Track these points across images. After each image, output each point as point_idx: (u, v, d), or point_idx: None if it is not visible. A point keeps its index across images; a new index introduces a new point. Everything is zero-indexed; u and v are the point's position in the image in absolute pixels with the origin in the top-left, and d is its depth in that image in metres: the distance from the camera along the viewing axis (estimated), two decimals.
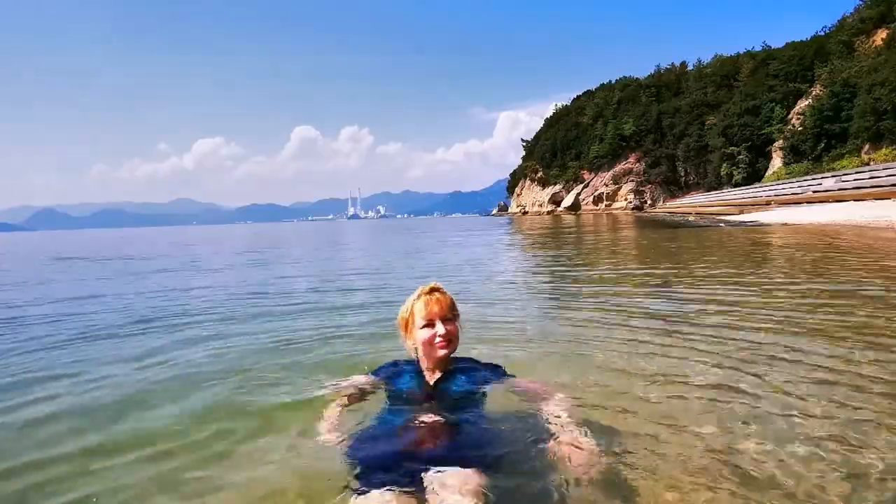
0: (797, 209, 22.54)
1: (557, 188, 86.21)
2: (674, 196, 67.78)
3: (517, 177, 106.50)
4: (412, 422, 1.77)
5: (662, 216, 38.85)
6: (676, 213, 41.83)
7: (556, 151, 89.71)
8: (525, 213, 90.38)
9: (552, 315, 4.46)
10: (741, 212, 28.61)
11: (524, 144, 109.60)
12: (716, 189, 55.41)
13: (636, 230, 20.57)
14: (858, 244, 9.34)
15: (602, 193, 76.91)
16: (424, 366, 2.01)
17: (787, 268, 6.87)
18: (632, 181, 73.76)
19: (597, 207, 75.67)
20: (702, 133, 64.21)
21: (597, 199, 77.30)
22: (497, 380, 2.06)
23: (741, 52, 70.99)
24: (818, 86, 46.40)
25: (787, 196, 30.06)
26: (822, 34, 56.33)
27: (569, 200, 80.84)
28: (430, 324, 1.93)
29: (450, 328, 1.94)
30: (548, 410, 1.88)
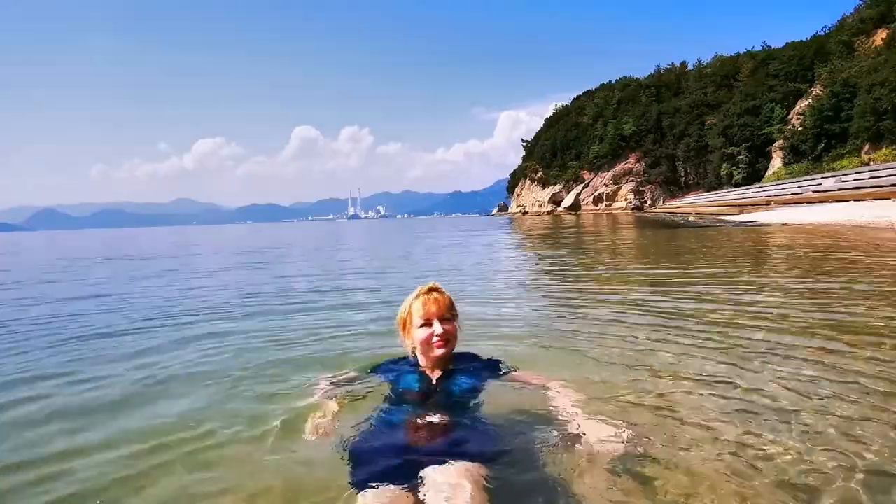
0: (797, 209, 22.54)
1: (557, 188, 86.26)
2: (674, 196, 67.83)
3: (517, 177, 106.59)
4: (412, 419, 1.76)
5: (662, 216, 38.87)
6: (676, 213, 41.85)
7: (556, 151, 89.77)
8: (525, 213, 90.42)
9: (553, 313, 4.44)
10: (741, 212, 28.62)
11: (524, 144, 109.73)
12: (716, 189, 55.45)
13: (636, 230, 20.58)
14: (859, 244, 9.33)
15: (602, 193, 76.95)
16: (424, 364, 2.00)
17: (787, 267, 6.85)
18: (632, 181, 73.81)
19: (597, 207, 75.71)
20: (702, 133, 64.26)
21: (597, 199, 77.35)
22: (498, 375, 2.06)
23: (741, 52, 71.18)
24: (818, 86, 46.46)
25: (787, 196, 30.07)
26: (822, 34, 56.41)
27: (569, 200, 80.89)
28: (428, 323, 1.93)
29: (447, 328, 1.94)
30: (553, 399, 1.92)
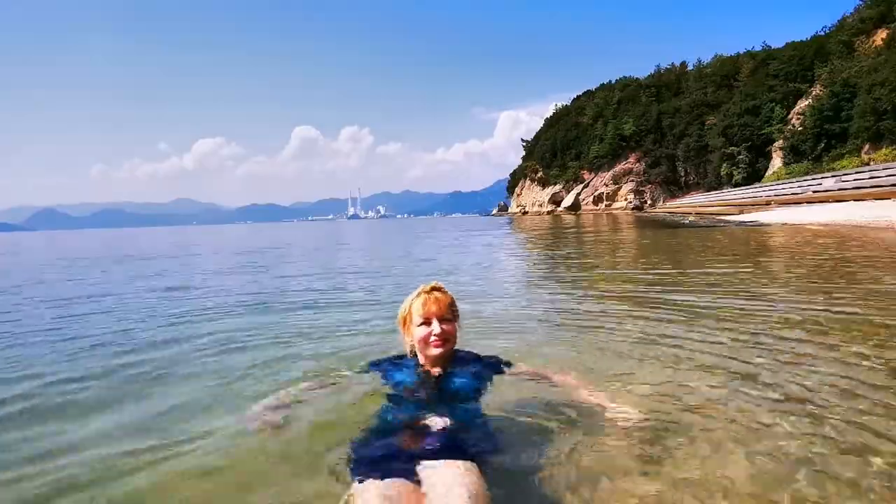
0: (797, 209, 22.53)
1: (557, 188, 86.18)
2: (674, 196, 67.75)
3: (517, 177, 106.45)
4: (412, 417, 1.77)
5: (662, 216, 38.84)
6: (676, 213, 41.81)
7: (556, 151, 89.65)
8: (525, 213, 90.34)
9: (553, 312, 4.45)
10: (741, 212, 28.61)
11: (524, 144, 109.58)
12: (716, 189, 55.36)
13: (636, 230, 20.58)
14: (860, 243, 9.34)
15: (602, 193, 76.87)
16: (423, 362, 2.02)
17: (787, 266, 6.87)
18: (632, 181, 73.72)
19: (597, 207, 75.63)
20: (702, 133, 64.17)
21: (597, 199, 77.26)
22: (498, 372, 2.07)
23: (741, 52, 71.03)
24: (818, 86, 46.38)
25: (787, 196, 30.05)
26: (822, 34, 56.30)
27: (569, 200, 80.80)
28: (427, 322, 1.95)
29: (446, 328, 1.95)
30: (556, 385, 2.06)
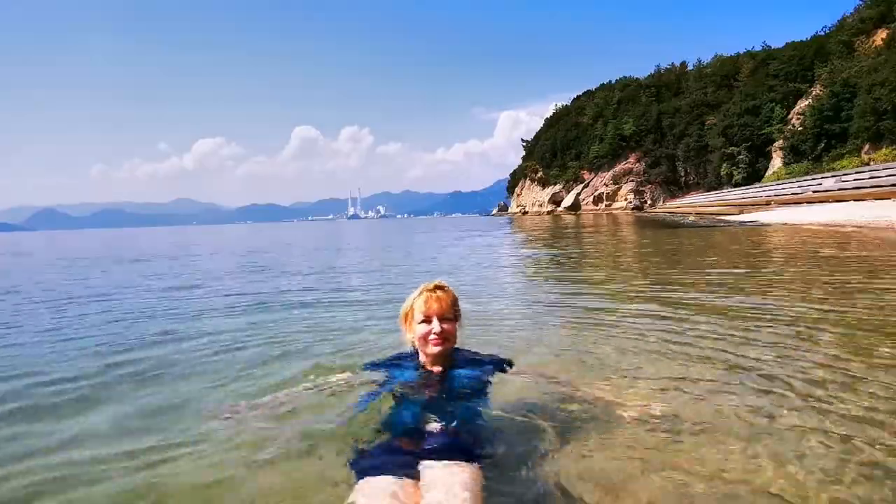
0: (797, 209, 22.54)
1: (557, 188, 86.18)
2: (674, 196, 67.76)
3: (517, 177, 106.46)
4: (413, 415, 1.77)
5: (662, 216, 38.86)
6: (676, 213, 41.83)
7: (556, 151, 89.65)
8: (525, 214, 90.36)
9: (553, 312, 4.46)
10: (741, 212, 28.63)
11: (524, 144, 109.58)
12: (716, 189, 55.38)
13: (637, 230, 20.59)
14: (860, 243, 9.34)
15: (602, 193, 76.88)
16: (423, 360, 2.03)
17: (786, 265, 6.87)
18: (632, 181, 73.72)
19: (597, 207, 75.64)
20: (702, 133, 64.18)
21: (597, 199, 77.27)
22: (499, 370, 2.09)
23: (741, 52, 71.00)
24: (818, 86, 46.39)
25: (787, 196, 30.06)
26: (822, 34, 56.30)
27: (569, 200, 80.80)
28: (428, 320, 1.96)
29: (446, 327, 1.96)
30: (560, 381, 2.11)
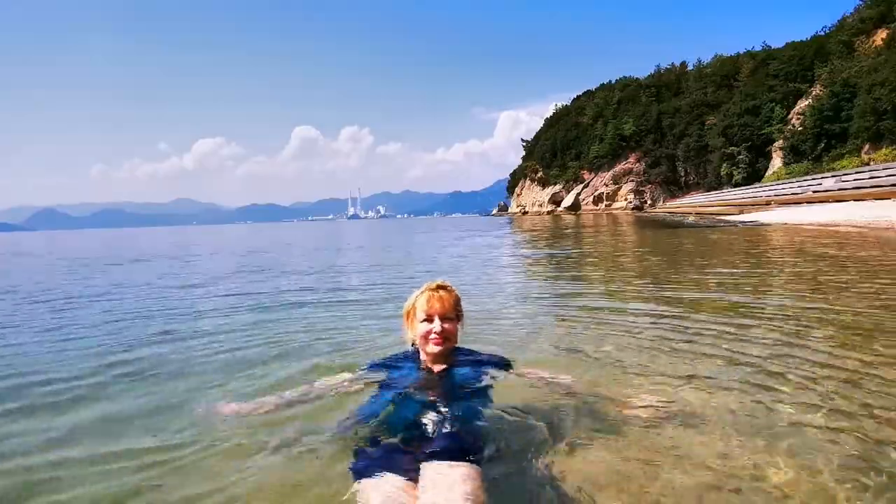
0: (797, 209, 22.54)
1: (557, 188, 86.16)
2: (674, 196, 67.75)
3: (517, 177, 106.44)
4: (413, 413, 1.77)
5: (662, 216, 38.87)
6: (676, 214, 41.83)
7: (556, 151, 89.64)
8: (525, 213, 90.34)
9: (553, 311, 4.47)
10: (741, 212, 28.62)
11: (524, 144, 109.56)
12: (716, 189, 55.37)
13: (637, 230, 20.60)
14: (859, 243, 9.35)
15: (602, 193, 76.87)
16: (424, 358, 2.04)
17: (786, 265, 6.89)
18: (632, 181, 73.72)
19: (597, 207, 75.63)
20: (702, 133, 64.18)
21: (597, 199, 77.26)
22: (499, 370, 2.09)
23: (741, 52, 71.00)
24: (818, 86, 46.38)
25: (787, 196, 30.06)
26: (822, 34, 56.29)
27: (569, 200, 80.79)
28: (429, 319, 1.97)
29: (447, 327, 1.97)
30: (553, 386, 2.08)
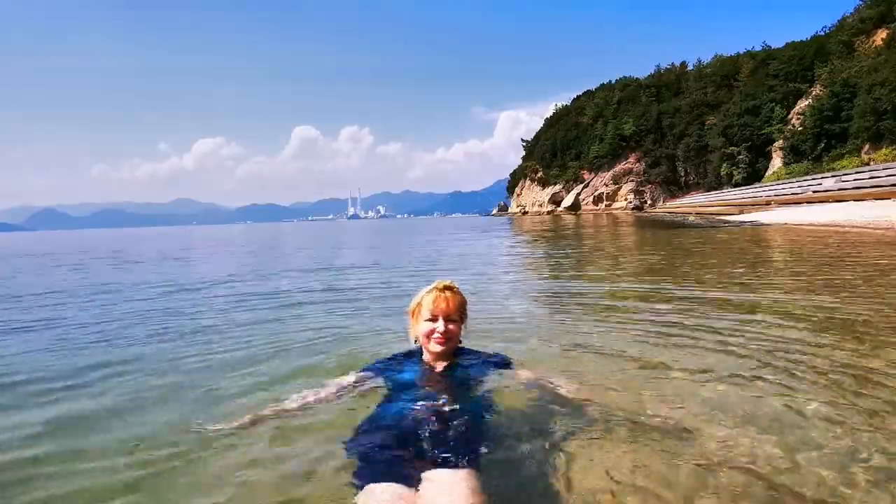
0: (797, 209, 22.54)
1: (557, 188, 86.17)
2: (674, 196, 67.76)
3: (517, 177, 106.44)
4: (414, 414, 1.76)
5: (662, 216, 38.87)
6: (676, 214, 41.84)
7: (556, 151, 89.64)
8: (525, 214, 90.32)
9: (554, 311, 4.49)
10: (741, 212, 28.63)
11: (524, 144, 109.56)
12: (716, 189, 55.38)
13: (637, 230, 20.61)
14: (859, 243, 9.37)
15: (602, 193, 76.87)
16: (426, 357, 2.05)
17: (785, 264, 6.90)
18: (632, 181, 73.73)
19: (597, 207, 75.63)
20: (702, 133, 64.18)
21: (597, 199, 77.27)
22: (501, 370, 2.09)
23: (741, 52, 71.04)
24: (818, 86, 46.39)
25: (787, 196, 30.06)
26: (822, 34, 56.31)
27: (569, 200, 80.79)
28: (434, 319, 1.99)
29: (451, 327, 1.98)
30: (554, 390, 2.05)
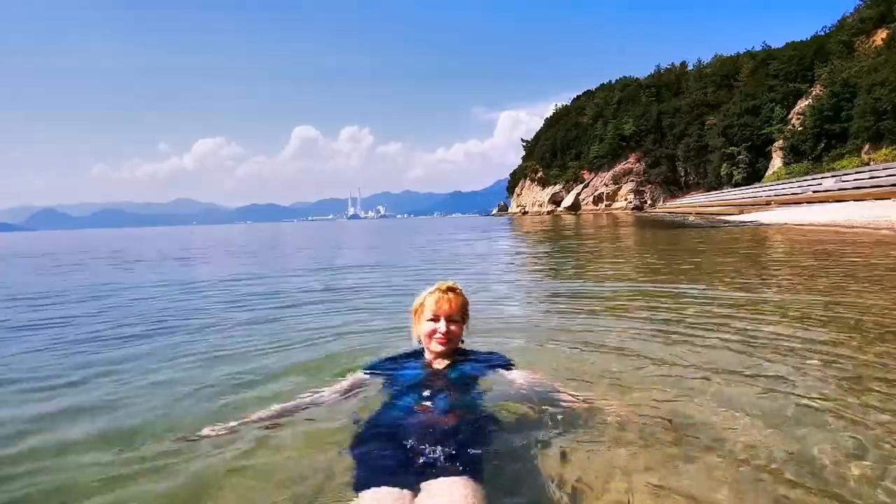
0: (797, 209, 22.55)
1: (557, 188, 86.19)
2: (674, 196, 67.78)
3: (517, 177, 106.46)
4: (414, 414, 1.76)
5: (662, 216, 38.88)
6: (676, 214, 41.85)
7: (556, 151, 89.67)
8: (525, 213, 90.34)
9: (554, 311, 4.49)
10: (741, 212, 28.64)
11: (524, 144, 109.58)
12: (716, 189, 55.40)
13: (638, 230, 20.61)
14: (859, 243, 9.38)
15: (602, 193, 76.90)
16: (428, 356, 2.07)
17: (785, 264, 6.92)
18: (632, 181, 73.76)
19: (597, 207, 75.66)
20: (702, 133, 64.21)
21: (597, 199, 77.29)
22: (501, 370, 2.10)
23: (741, 52, 71.09)
24: (818, 86, 46.41)
25: (787, 196, 30.07)
26: (822, 34, 56.33)
27: (569, 200, 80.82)
28: (436, 319, 2.01)
29: (453, 328, 2.01)
30: (553, 395, 2.04)
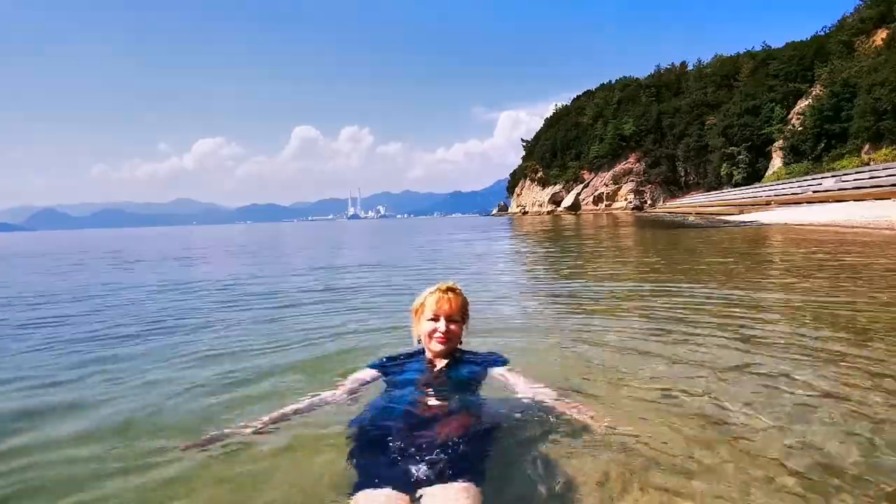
0: (797, 209, 22.56)
1: (557, 188, 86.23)
2: (674, 196, 67.81)
3: (517, 177, 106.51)
4: (414, 414, 1.75)
5: (662, 216, 38.90)
6: (677, 214, 41.88)
7: (556, 151, 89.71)
8: (525, 213, 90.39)
9: (555, 311, 4.50)
10: (741, 212, 28.66)
11: (524, 144, 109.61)
12: (716, 189, 55.42)
13: (638, 230, 20.62)
14: (859, 243, 9.38)
15: (602, 193, 76.93)
16: (428, 355, 2.08)
17: (784, 264, 6.91)
18: (632, 181, 73.78)
19: (597, 207, 75.69)
20: (702, 133, 64.24)
21: (597, 199, 77.32)
22: (501, 370, 2.11)
23: (741, 52, 71.12)
24: (818, 86, 46.43)
25: (787, 196, 30.09)
26: (822, 34, 56.37)
27: (569, 200, 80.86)
28: (436, 318, 2.03)
29: (452, 328, 2.02)
30: (549, 403, 2.02)
